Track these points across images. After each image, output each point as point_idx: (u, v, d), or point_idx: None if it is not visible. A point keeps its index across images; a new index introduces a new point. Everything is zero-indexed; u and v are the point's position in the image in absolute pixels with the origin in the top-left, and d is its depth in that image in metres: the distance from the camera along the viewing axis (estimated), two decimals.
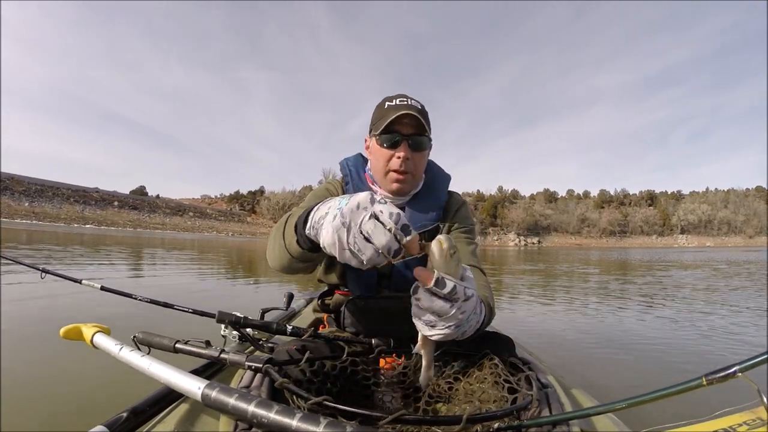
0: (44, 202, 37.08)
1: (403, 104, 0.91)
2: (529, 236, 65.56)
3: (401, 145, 0.91)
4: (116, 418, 0.63)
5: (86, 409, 1.35)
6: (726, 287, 5.80)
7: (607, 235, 67.96)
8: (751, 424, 0.40)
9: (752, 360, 0.39)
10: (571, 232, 68.26)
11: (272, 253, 0.75)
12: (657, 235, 67.48)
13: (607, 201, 75.86)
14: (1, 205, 30.74)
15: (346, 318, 1.00)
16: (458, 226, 1.01)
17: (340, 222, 0.50)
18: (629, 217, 69.97)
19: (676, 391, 0.44)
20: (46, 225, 24.78)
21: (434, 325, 0.57)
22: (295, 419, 0.44)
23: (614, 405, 0.49)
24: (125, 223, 38.43)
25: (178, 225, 44.69)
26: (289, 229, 0.66)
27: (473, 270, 0.91)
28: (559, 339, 2.69)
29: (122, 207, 45.63)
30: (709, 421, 0.43)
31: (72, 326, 0.87)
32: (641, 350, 2.46)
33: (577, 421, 0.58)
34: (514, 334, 1.04)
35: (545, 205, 72.50)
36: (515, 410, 0.56)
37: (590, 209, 71.62)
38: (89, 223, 32.71)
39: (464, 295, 0.56)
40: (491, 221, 67.47)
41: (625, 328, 3.05)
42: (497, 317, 0.89)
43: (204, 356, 0.75)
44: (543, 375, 0.75)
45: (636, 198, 77.02)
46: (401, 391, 0.77)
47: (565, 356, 2.28)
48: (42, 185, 41.04)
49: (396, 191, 0.96)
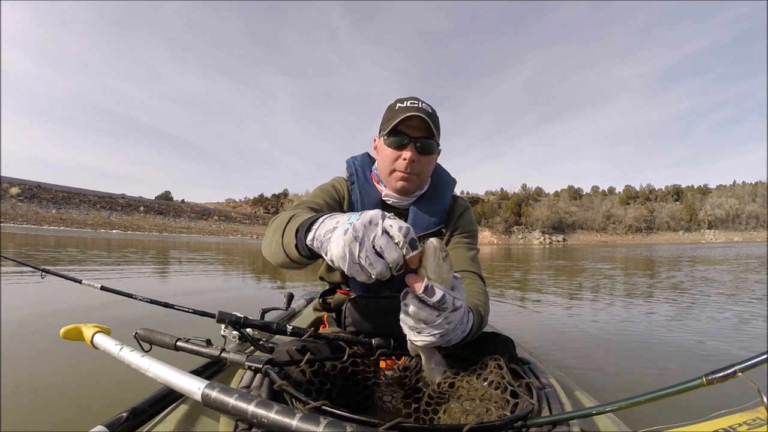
0: (71, 209, 37.99)
1: (413, 106, 0.91)
2: (554, 234, 65.14)
3: (408, 147, 0.91)
4: (116, 418, 0.63)
5: (86, 409, 1.35)
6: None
7: (633, 232, 67.13)
8: (752, 423, 0.40)
9: (752, 360, 0.39)
10: (597, 229, 67.66)
11: (268, 248, 0.75)
12: (684, 231, 66.69)
13: (632, 197, 75.15)
14: (29, 212, 31.72)
15: (347, 317, 0.99)
16: (461, 230, 1.01)
17: (352, 236, 0.50)
18: (655, 212, 69.13)
19: (676, 391, 0.44)
20: (73, 231, 25.27)
21: (420, 332, 0.58)
22: (295, 419, 0.44)
23: (614, 405, 0.49)
24: (151, 227, 39.00)
25: (203, 229, 45.34)
26: (290, 231, 0.66)
27: (472, 276, 0.92)
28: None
29: (148, 212, 46.41)
30: (709, 420, 0.43)
31: (72, 326, 0.87)
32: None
33: (578, 421, 0.59)
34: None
35: (570, 202, 71.94)
36: (518, 419, 0.55)
37: (615, 205, 70.84)
38: (115, 229, 33.34)
39: (453, 306, 0.56)
40: (515, 219, 67.10)
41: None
42: (500, 316, 0.89)
43: (204, 355, 0.75)
44: (543, 375, 0.75)
45: (662, 193, 76.25)
46: (402, 392, 0.77)
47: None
48: (69, 192, 42.14)
49: (400, 190, 0.96)
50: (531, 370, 0.78)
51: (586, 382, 1.82)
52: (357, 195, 1.00)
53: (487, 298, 0.85)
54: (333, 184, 1.03)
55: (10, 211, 30.19)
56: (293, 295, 1.55)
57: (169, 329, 0.82)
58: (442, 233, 1.02)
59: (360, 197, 1.00)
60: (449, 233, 1.01)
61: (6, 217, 27.11)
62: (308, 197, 0.98)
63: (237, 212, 62.62)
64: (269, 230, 0.78)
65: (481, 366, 0.70)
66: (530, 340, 2.52)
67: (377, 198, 1.01)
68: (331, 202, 0.97)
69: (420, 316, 0.55)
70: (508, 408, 0.61)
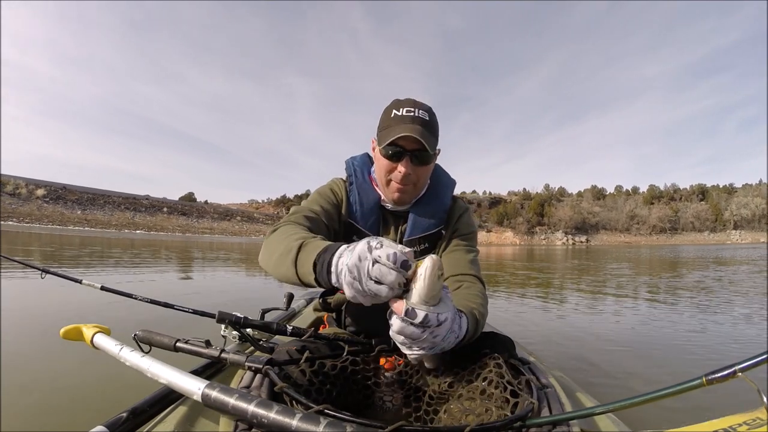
0: (96, 210, 38.63)
1: (410, 116, 0.89)
2: (577, 235, 64.17)
3: (404, 160, 0.90)
4: (116, 418, 0.62)
5: (86, 409, 1.35)
6: None
7: (657, 232, 66.04)
8: (751, 423, 0.40)
9: (752, 360, 0.39)
10: (620, 229, 66.44)
11: (276, 269, 0.74)
12: (709, 231, 65.25)
13: (656, 196, 73.62)
14: (55, 213, 32.46)
15: (347, 317, 1.00)
16: (460, 232, 1.01)
17: (351, 278, 0.56)
18: (680, 213, 67.71)
19: (676, 391, 0.44)
20: (97, 231, 25.72)
21: (410, 347, 0.60)
22: (295, 419, 0.44)
23: (614, 405, 0.49)
24: (174, 228, 39.36)
25: (226, 229, 45.59)
26: (305, 263, 0.66)
27: (471, 279, 0.92)
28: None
29: (171, 213, 46.88)
30: (709, 421, 0.43)
31: (72, 326, 0.87)
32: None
33: (578, 421, 0.58)
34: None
35: (593, 202, 70.55)
36: (518, 419, 0.55)
37: (639, 206, 69.39)
38: (139, 229, 33.65)
39: (437, 321, 0.57)
40: (538, 220, 66.10)
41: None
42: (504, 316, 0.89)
43: (204, 356, 0.75)
44: (543, 375, 0.75)
45: (686, 193, 74.58)
46: (402, 392, 0.77)
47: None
48: (94, 194, 42.95)
49: (397, 201, 0.97)
50: (531, 370, 0.78)
51: (587, 381, 1.83)
52: (356, 196, 1.00)
53: (486, 300, 0.85)
54: (331, 187, 1.03)
55: (36, 212, 30.76)
56: (293, 295, 1.54)
57: (170, 329, 0.82)
58: (442, 235, 1.01)
59: (359, 198, 1.00)
60: (449, 235, 1.01)
61: (32, 218, 27.58)
62: (305, 204, 0.98)
63: (260, 213, 62.99)
64: (272, 246, 0.77)
65: (480, 366, 0.70)
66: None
67: (375, 200, 1.01)
68: (327, 206, 0.97)
69: (405, 334, 0.58)
70: (508, 408, 0.61)
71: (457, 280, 0.91)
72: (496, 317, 3.15)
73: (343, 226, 1.00)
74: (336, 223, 0.98)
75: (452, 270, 0.94)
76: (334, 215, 0.98)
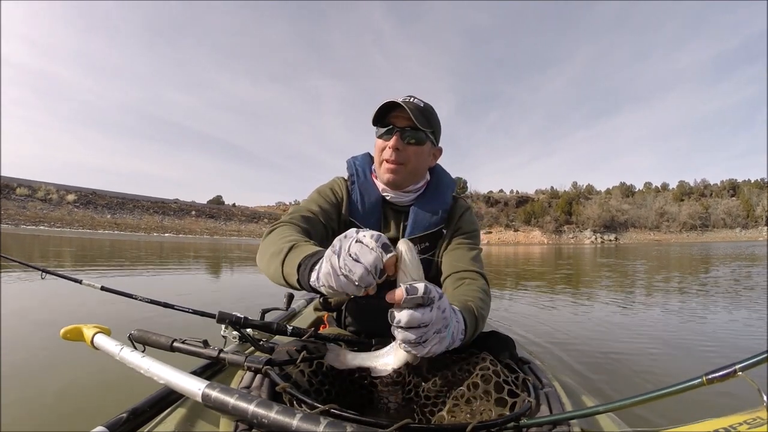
0: (125, 214, 39.08)
1: (402, 99, 0.92)
2: (606, 233, 62.35)
3: (393, 136, 0.92)
4: (116, 418, 0.62)
5: (86, 410, 1.35)
6: None
7: (688, 230, 63.96)
8: (752, 423, 0.40)
9: (752, 359, 0.39)
10: (650, 227, 64.57)
11: (267, 269, 0.76)
12: (741, 228, 62.83)
13: (686, 193, 71.21)
14: (85, 218, 33.18)
15: (347, 317, 1.00)
16: (462, 230, 1.01)
17: (331, 251, 0.57)
18: (710, 209, 65.31)
19: (676, 391, 0.44)
20: (126, 234, 26.09)
21: (426, 339, 0.56)
22: (295, 419, 0.44)
23: (615, 404, 0.49)
24: (202, 230, 39.65)
25: (253, 232, 45.70)
26: (291, 263, 0.67)
27: (474, 275, 0.92)
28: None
29: (199, 216, 47.24)
30: (710, 420, 0.43)
31: (72, 327, 0.87)
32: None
33: (578, 421, 0.58)
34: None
35: (622, 200, 68.45)
36: (517, 416, 0.56)
37: (669, 202, 67.21)
38: (168, 232, 33.98)
39: (438, 294, 0.57)
40: (566, 219, 64.21)
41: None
42: (506, 315, 0.88)
43: (202, 356, 0.75)
44: (543, 375, 0.75)
45: (717, 188, 71.86)
46: (401, 392, 0.77)
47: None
48: (123, 198, 43.55)
49: (389, 182, 0.97)
50: (531, 370, 0.78)
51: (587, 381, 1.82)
52: (357, 195, 1.01)
53: (487, 296, 0.85)
54: (331, 186, 1.03)
55: (67, 216, 31.45)
56: (293, 295, 1.54)
57: (170, 330, 0.82)
58: (443, 234, 1.01)
59: (360, 196, 1.00)
60: (450, 233, 1.01)
61: (63, 223, 28.34)
62: (304, 203, 0.99)
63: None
64: (267, 246, 0.79)
65: (479, 366, 0.70)
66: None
67: (377, 197, 1.01)
68: (326, 206, 0.97)
69: (416, 320, 0.54)
70: (507, 407, 0.61)
71: (459, 277, 0.91)
72: (504, 316, 3.12)
73: (343, 225, 1.00)
74: (335, 222, 0.98)
75: (455, 266, 0.93)
76: (333, 215, 0.98)
